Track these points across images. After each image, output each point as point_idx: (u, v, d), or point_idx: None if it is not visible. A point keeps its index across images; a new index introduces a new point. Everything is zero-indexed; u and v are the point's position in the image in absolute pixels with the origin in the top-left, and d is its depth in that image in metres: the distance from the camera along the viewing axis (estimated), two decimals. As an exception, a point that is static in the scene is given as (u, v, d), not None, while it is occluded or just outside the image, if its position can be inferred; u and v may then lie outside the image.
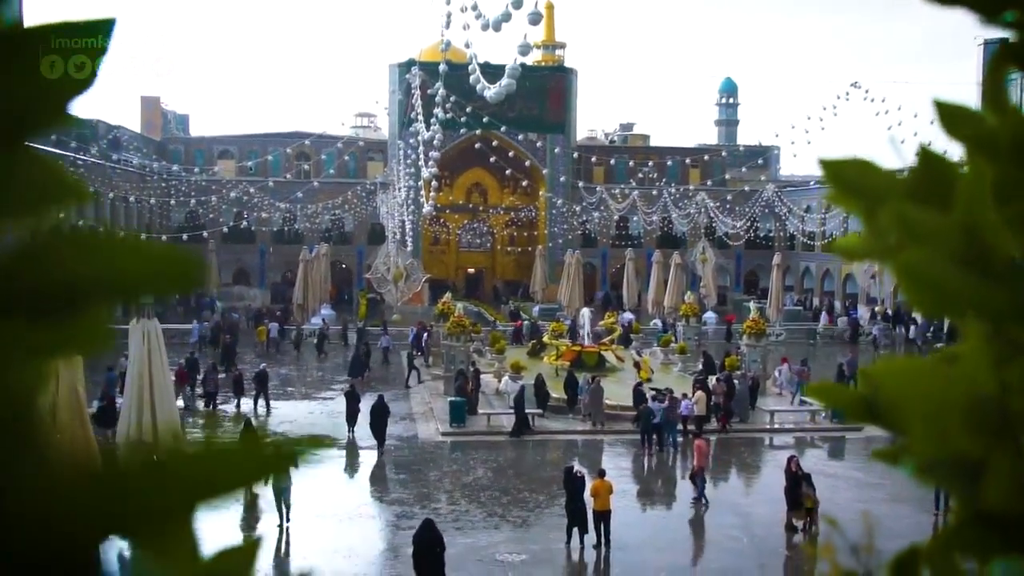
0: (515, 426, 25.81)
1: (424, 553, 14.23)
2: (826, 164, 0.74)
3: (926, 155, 0.70)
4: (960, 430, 0.66)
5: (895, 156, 1.04)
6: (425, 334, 37.79)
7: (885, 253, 0.71)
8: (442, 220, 63.97)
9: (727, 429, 26.43)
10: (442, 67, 29.74)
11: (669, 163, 59.82)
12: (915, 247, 0.66)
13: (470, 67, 25.78)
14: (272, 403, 29.03)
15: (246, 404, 28.58)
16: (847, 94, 45.48)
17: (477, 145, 49.70)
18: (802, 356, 33.60)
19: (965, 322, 0.66)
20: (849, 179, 0.72)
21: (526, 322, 43.89)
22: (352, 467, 23.30)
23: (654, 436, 24.28)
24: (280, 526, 17.67)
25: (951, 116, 0.69)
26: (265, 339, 41.04)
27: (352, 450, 24.36)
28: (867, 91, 45.08)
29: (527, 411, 26.14)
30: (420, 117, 43.19)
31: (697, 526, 18.98)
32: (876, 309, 49.99)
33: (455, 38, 26.80)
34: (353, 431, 25.15)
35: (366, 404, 25.11)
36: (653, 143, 76.26)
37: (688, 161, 62.71)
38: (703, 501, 19.80)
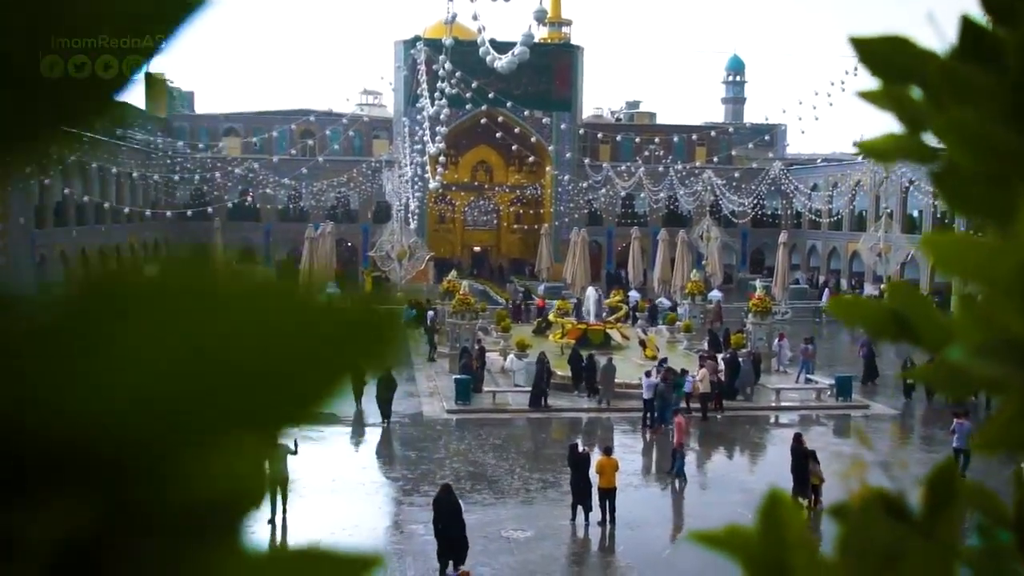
0: (533, 396, 25.92)
1: (445, 517, 14.44)
2: (857, 42, 0.68)
3: (968, 25, 0.63)
4: (1013, 308, 0.59)
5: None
6: (431, 312, 37.60)
7: (918, 149, 0.66)
8: (448, 198, 63.81)
9: (720, 407, 26.15)
10: (448, 40, 29.46)
11: (675, 140, 59.50)
12: (963, 107, 0.62)
13: (479, 39, 25.52)
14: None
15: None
16: (855, 69, 45.03)
17: (483, 121, 49.47)
18: (807, 334, 33.51)
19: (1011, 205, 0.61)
20: (883, 57, 0.66)
21: (549, 303, 43.41)
22: (357, 443, 23.37)
23: (656, 414, 24.26)
24: (271, 522, 16.55)
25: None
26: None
27: (358, 425, 24.44)
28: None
29: (534, 385, 26.27)
30: (425, 93, 42.96)
31: (702, 503, 18.98)
32: (882, 288, 49.80)
33: (462, 11, 26.56)
34: (360, 404, 25.30)
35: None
36: (659, 121, 75.88)
37: (695, 138, 62.35)
38: (678, 476, 19.88)
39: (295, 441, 17.37)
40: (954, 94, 0.62)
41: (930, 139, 0.65)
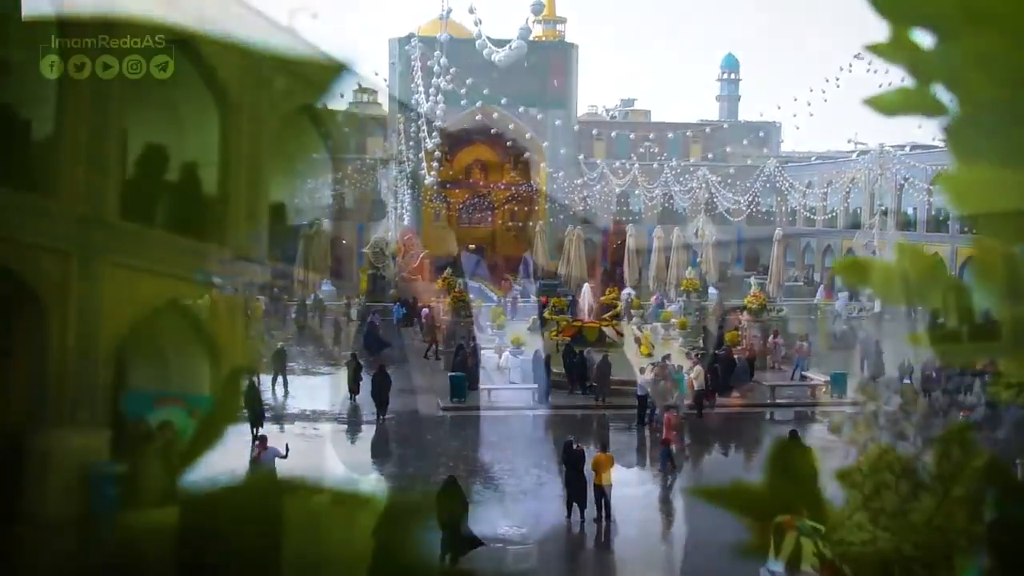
0: (542, 391, 25.98)
1: (449, 511, 14.43)
2: None
3: None
4: None
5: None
6: (426, 310, 37.44)
7: (927, 101, 0.66)
8: (442, 196, 63.74)
9: (711, 406, 26.03)
10: (443, 36, 29.31)
11: (670, 137, 59.47)
12: (978, 37, 0.61)
13: (476, 32, 25.44)
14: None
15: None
16: (850, 66, 44.94)
17: (478, 118, 49.40)
18: (803, 331, 33.53)
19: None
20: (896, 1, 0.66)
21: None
22: (352, 439, 23.34)
23: (654, 411, 24.22)
24: None
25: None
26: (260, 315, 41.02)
27: (353, 421, 24.41)
28: (870, 62, 44.54)
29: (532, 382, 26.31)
30: (420, 89, 42.85)
31: (697, 500, 18.95)
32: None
33: (456, 7, 26.42)
34: (355, 399, 25.35)
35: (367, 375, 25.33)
36: (654, 118, 75.71)
37: (689, 135, 62.33)
38: (668, 472, 19.87)
39: (286, 445, 17.43)
40: (970, 22, 0.62)
41: (940, 92, 0.65)
